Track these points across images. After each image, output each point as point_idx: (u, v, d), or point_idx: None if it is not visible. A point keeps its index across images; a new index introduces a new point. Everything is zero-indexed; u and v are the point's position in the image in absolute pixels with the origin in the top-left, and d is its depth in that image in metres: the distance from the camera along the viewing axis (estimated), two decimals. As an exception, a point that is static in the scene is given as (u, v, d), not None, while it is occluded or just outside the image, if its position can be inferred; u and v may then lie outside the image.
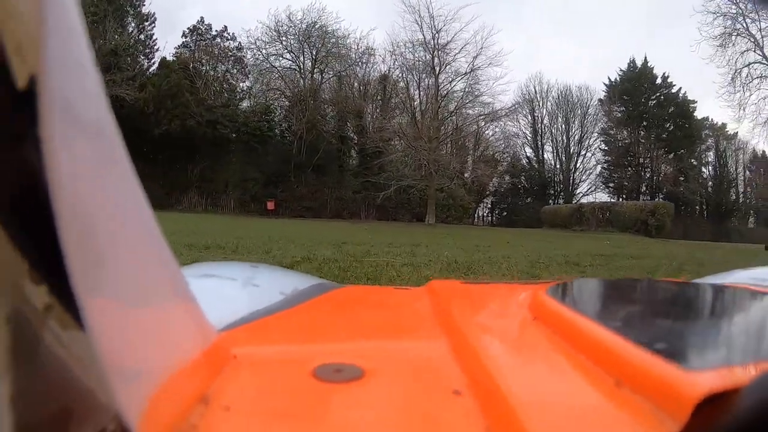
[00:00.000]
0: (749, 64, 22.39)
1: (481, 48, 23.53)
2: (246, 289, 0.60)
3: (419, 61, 24.32)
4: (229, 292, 0.58)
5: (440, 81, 24.01)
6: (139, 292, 0.24)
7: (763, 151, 34.92)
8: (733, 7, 21.74)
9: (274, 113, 27.13)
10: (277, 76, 27.05)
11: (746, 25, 21.83)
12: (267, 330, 0.46)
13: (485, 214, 33.46)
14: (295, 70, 27.32)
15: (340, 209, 24.67)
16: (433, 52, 23.73)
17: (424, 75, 24.60)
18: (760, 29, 21.56)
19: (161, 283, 0.27)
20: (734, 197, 35.69)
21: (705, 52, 44.94)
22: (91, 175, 0.20)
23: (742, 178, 36.27)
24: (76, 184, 0.18)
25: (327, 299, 0.63)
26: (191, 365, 0.29)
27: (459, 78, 24.12)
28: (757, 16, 21.21)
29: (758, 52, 22.13)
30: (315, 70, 27.23)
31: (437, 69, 23.80)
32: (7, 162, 0.16)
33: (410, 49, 24.41)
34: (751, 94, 22.85)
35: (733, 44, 22.32)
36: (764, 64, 22.24)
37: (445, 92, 24.21)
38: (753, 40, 21.94)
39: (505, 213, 33.08)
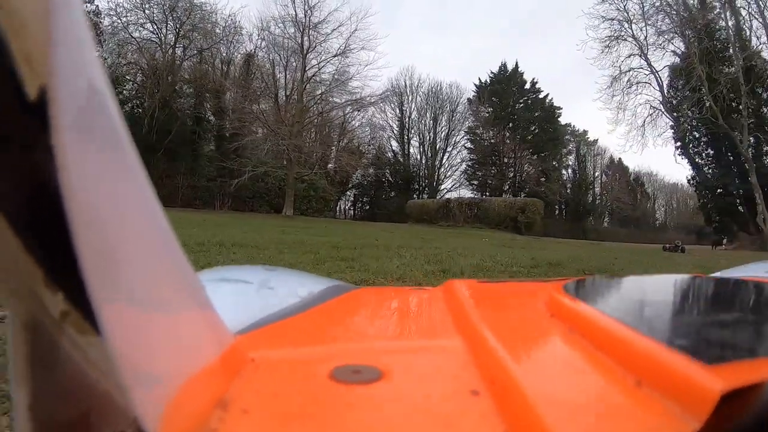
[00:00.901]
0: (630, 69, 23.68)
1: (355, 30, 22.72)
2: (262, 293, 0.62)
3: (288, 38, 22.99)
4: (245, 295, 0.60)
5: (309, 62, 22.87)
6: (154, 298, 0.24)
7: (620, 158, 38.74)
8: (621, 12, 22.90)
9: (124, 86, 24.20)
10: (134, 47, 24.28)
11: (632, 30, 23.05)
12: (283, 332, 0.46)
13: (347, 207, 32.97)
14: (156, 42, 24.75)
15: (192, 198, 22.58)
16: (303, 30, 22.58)
17: (292, 58, 23.40)
18: (646, 36, 22.98)
19: (177, 288, 0.27)
20: (591, 199, 39.09)
21: (590, 53, 48.28)
22: (105, 182, 0.20)
23: (599, 181, 39.92)
24: (90, 191, 0.18)
25: (343, 301, 0.64)
26: (208, 369, 0.29)
27: (328, 60, 23.18)
28: (644, 23, 22.68)
29: (643, 58, 23.48)
30: (177, 45, 24.88)
31: (305, 48, 22.69)
32: (20, 172, 0.17)
33: (280, 26, 23.05)
34: (629, 99, 24.40)
35: (617, 48, 23.56)
36: (645, 71, 23.76)
37: (312, 74, 23.13)
38: (638, 45, 23.20)
39: (368, 206, 32.77)
